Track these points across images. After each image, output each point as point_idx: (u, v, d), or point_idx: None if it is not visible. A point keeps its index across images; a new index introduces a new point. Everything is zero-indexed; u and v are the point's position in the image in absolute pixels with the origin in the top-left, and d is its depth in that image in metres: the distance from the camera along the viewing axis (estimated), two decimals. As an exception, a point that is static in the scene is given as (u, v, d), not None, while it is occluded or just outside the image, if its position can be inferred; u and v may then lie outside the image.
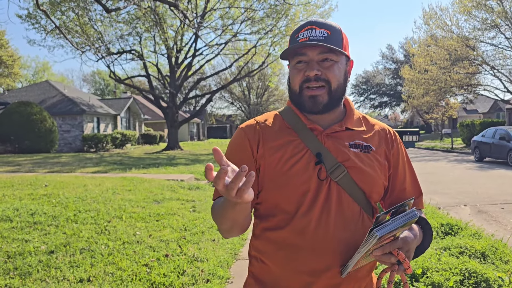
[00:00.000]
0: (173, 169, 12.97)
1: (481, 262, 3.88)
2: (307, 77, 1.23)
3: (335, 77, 1.24)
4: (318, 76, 1.22)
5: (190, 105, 58.31)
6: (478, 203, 7.83)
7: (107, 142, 25.64)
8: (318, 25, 1.25)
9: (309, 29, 1.24)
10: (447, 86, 28.35)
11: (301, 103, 1.27)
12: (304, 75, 1.24)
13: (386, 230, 1.03)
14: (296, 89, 1.27)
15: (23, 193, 6.98)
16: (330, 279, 1.22)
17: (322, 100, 1.24)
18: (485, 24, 24.90)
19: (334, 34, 1.24)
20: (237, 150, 1.31)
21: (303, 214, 1.22)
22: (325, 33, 1.23)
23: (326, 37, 1.22)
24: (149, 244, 4.54)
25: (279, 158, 1.25)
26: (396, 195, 1.36)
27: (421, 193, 1.41)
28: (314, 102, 1.24)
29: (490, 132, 17.05)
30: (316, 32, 1.23)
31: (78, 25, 20.93)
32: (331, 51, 1.22)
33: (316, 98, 1.23)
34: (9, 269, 3.73)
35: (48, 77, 55.19)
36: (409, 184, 1.37)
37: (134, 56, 25.31)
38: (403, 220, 1.06)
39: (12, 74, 29.25)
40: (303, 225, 1.22)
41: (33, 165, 13.66)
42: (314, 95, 1.23)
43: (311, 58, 1.23)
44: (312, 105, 1.24)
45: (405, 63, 43.89)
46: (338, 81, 1.25)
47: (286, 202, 1.24)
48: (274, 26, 24.11)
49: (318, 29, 1.23)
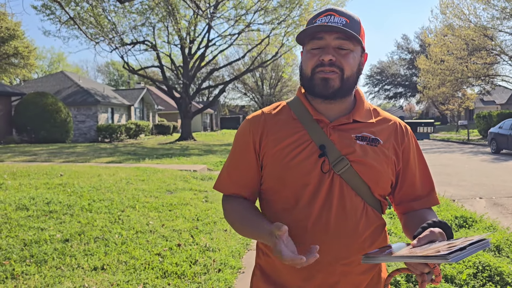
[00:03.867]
0: (186, 159, 13.04)
1: (495, 255, 3.83)
2: (321, 62, 1.20)
3: (349, 66, 1.21)
4: (333, 62, 1.20)
5: (203, 95, 58.46)
6: (493, 196, 7.72)
7: (121, 133, 25.90)
8: (337, 12, 1.23)
9: (328, 15, 1.22)
10: (463, 76, 27.86)
11: (312, 86, 1.24)
12: (318, 59, 1.21)
13: (461, 258, 0.94)
14: (308, 73, 1.24)
15: (39, 182, 7.10)
16: (330, 272, 1.22)
17: (333, 84, 1.21)
18: (504, 13, 24.29)
19: (352, 23, 1.22)
20: (240, 144, 1.34)
21: (304, 207, 1.22)
22: (343, 20, 1.21)
23: (344, 24, 1.20)
24: (162, 234, 4.59)
25: (282, 149, 1.25)
26: (405, 190, 1.33)
27: (433, 189, 1.36)
28: (326, 85, 1.21)
29: (507, 123, 16.72)
30: (335, 18, 1.21)
31: (92, 16, 21.02)
32: (348, 38, 1.20)
33: (328, 81, 1.20)
34: (25, 256, 3.81)
35: (63, 68, 55.85)
36: (419, 179, 1.34)
37: (147, 46, 25.37)
38: (476, 250, 0.99)
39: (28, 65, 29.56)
40: (304, 218, 1.21)
41: (49, 155, 13.88)
42: (327, 77, 1.20)
43: (328, 43, 1.21)
44: (323, 88, 1.21)
45: (420, 53, 43.23)
46: (352, 70, 1.22)
47: (287, 194, 1.24)
48: (288, 16, 23.91)
49: (337, 16, 1.21)
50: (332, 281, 1.23)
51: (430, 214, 1.28)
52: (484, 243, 1.00)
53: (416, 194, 1.33)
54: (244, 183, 1.32)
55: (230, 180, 1.34)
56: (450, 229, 1.13)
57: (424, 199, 1.33)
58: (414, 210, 1.32)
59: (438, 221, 1.13)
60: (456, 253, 0.92)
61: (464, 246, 0.95)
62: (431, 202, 1.34)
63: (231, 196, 1.35)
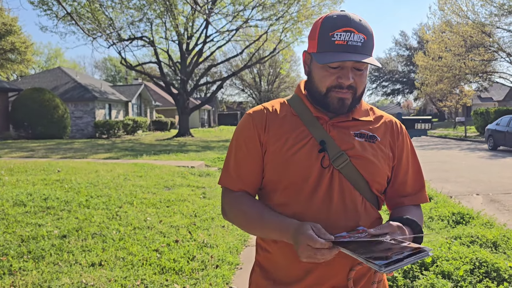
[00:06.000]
0: (183, 155, 13.03)
1: (492, 251, 3.85)
2: (341, 85, 1.22)
3: (362, 84, 1.26)
4: (350, 85, 1.23)
5: (201, 92, 58.35)
6: (490, 192, 7.74)
7: (119, 129, 25.84)
8: (356, 27, 1.20)
9: (348, 32, 1.19)
10: (461, 73, 27.88)
11: (327, 103, 1.26)
12: (337, 81, 1.22)
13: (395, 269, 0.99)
14: (323, 90, 1.25)
15: (37, 178, 7.08)
16: (329, 266, 1.22)
17: (348, 103, 1.25)
18: (502, 9, 24.26)
19: (369, 39, 1.22)
20: (245, 138, 1.32)
21: (304, 201, 1.24)
22: (362, 38, 1.20)
23: (363, 43, 1.20)
24: (160, 230, 4.59)
25: (283, 144, 1.26)
26: (396, 187, 1.36)
27: (423, 187, 1.40)
28: (342, 105, 1.24)
29: (505, 120, 16.76)
30: (355, 36, 1.19)
31: (89, 12, 20.91)
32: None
33: (344, 101, 1.24)
34: (23, 252, 3.80)
35: (60, 63, 55.60)
36: (411, 177, 1.38)
37: (145, 42, 25.28)
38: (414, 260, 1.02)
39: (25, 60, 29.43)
40: (303, 212, 1.23)
41: (46, 151, 13.84)
42: (343, 97, 1.24)
43: (347, 65, 1.21)
44: (339, 107, 1.25)
45: (418, 50, 43.22)
46: (363, 87, 1.27)
47: (287, 189, 1.26)
48: (286, 12, 23.84)
49: (357, 33, 1.19)
50: (330, 274, 1.24)
51: (413, 210, 1.31)
52: (423, 254, 1.04)
53: (406, 192, 1.37)
54: (252, 179, 1.32)
55: (239, 176, 1.33)
56: (420, 227, 1.21)
57: (413, 196, 1.37)
58: (402, 206, 1.36)
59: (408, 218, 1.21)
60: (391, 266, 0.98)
61: (402, 258, 1.00)
62: (420, 199, 1.38)
63: (238, 193, 1.34)
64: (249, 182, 1.33)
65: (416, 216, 1.27)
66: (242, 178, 1.32)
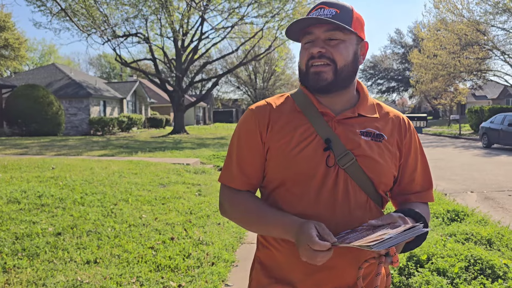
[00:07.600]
0: (179, 153, 13.00)
1: (487, 248, 3.87)
2: (311, 55, 1.21)
3: (341, 56, 1.20)
4: (322, 53, 1.20)
5: (196, 89, 58.17)
6: (485, 190, 7.79)
7: (114, 126, 25.73)
8: (328, 4, 1.23)
9: (319, 9, 1.22)
10: (456, 71, 27.99)
11: (307, 80, 1.25)
12: (309, 53, 1.22)
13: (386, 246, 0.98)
14: (303, 67, 1.25)
15: (31, 176, 7.03)
16: (333, 268, 1.21)
17: (326, 77, 1.21)
18: (496, 7, 24.35)
19: (343, 12, 1.21)
20: (246, 135, 1.29)
21: (309, 201, 1.21)
22: (333, 11, 1.20)
23: (334, 15, 1.20)
24: (155, 227, 4.58)
25: (287, 142, 1.23)
26: (404, 185, 1.33)
27: (431, 186, 1.37)
28: (318, 78, 1.21)
29: (499, 118, 16.86)
30: (325, 11, 1.21)
31: (83, 8, 20.78)
32: (338, 28, 1.20)
33: (320, 74, 1.21)
34: (17, 250, 3.78)
35: (55, 60, 55.18)
36: (419, 175, 1.34)
37: (140, 39, 25.15)
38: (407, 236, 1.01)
39: (19, 57, 29.23)
40: (308, 212, 1.20)
41: (41, 148, 13.76)
42: (318, 71, 1.21)
43: (317, 36, 1.21)
44: (316, 82, 1.22)
45: (413, 48, 43.31)
46: (345, 61, 1.21)
47: (292, 188, 1.23)
48: (281, 9, 23.79)
49: (327, 8, 1.21)
50: (334, 275, 1.22)
51: (419, 206, 1.28)
52: (416, 230, 1.03)
53: (414, 189, 1.33)
54: (253, 176, 1.30)
55: (240, 173, 1.29)
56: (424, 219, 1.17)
57: (421, 193, 1.34)
58: (409, 202, 1.33)
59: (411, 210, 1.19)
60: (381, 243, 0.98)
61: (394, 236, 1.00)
62: (427, 198, 1.34)
63: (239, 189, 1.31)
64: (250, 179, 1.30)
65: (422, 211, 1.24)
66: (244, 175, 1.29)
